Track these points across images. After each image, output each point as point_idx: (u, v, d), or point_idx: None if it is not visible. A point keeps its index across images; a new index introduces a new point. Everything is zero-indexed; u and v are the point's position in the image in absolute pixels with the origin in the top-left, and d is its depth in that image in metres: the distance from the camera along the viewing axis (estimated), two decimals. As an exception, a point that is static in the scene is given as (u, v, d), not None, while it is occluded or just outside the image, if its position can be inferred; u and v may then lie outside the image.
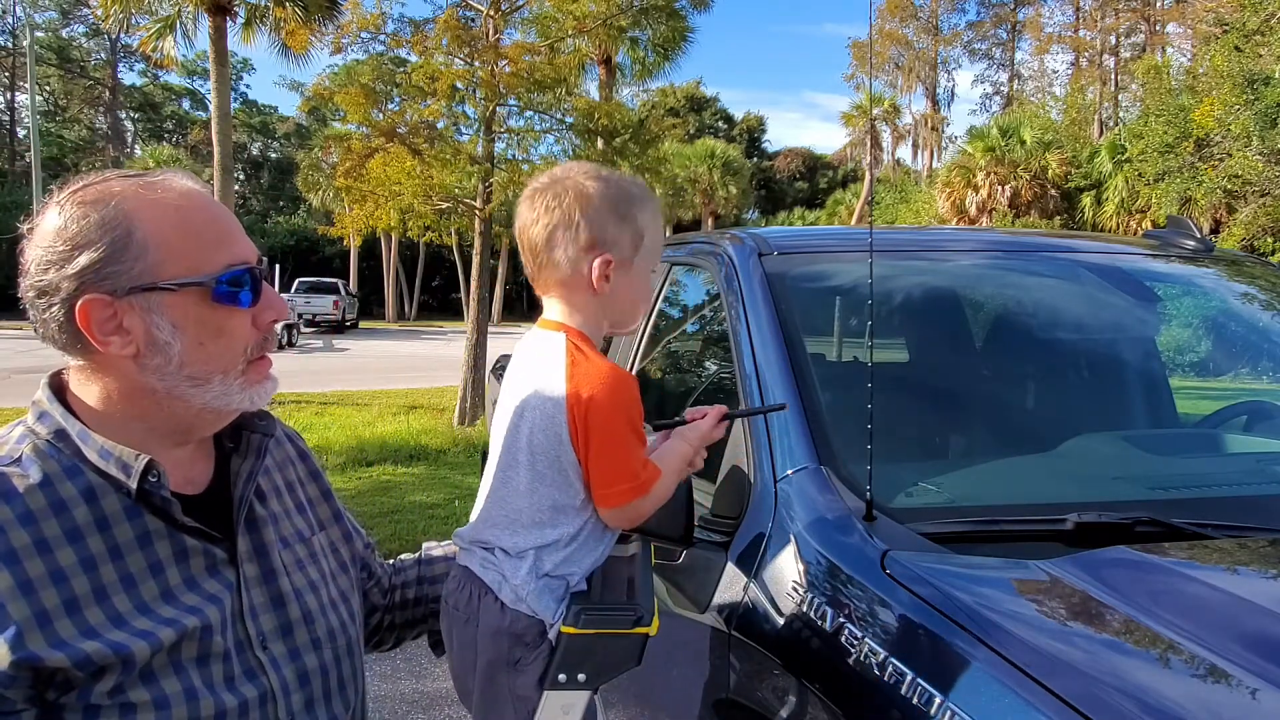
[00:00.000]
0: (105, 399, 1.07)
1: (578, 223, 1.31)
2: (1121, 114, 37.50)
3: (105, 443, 1.05)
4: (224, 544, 1.13)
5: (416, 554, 1.57)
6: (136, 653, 0.99)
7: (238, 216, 1.17)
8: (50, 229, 1.02)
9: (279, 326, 1.17)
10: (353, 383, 14.93)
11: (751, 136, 54.27)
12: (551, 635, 1.26)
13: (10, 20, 43.07)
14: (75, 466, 1.04)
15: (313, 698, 1.17)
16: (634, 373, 2.42)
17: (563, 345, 1.31)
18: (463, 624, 1.32)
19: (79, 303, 1.01)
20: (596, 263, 1.31)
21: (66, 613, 0.97)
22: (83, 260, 1.01)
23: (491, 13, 10.72)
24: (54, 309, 1.03)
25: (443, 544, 1.58)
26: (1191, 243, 2.47)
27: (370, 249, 41.94)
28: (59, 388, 1.11)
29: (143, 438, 1.07)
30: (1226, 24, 16.51)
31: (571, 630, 1.22)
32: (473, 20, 11.54)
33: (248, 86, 64.68)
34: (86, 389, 1.08)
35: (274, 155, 53.72)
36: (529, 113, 11.87)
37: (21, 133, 44.06)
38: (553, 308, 1.36)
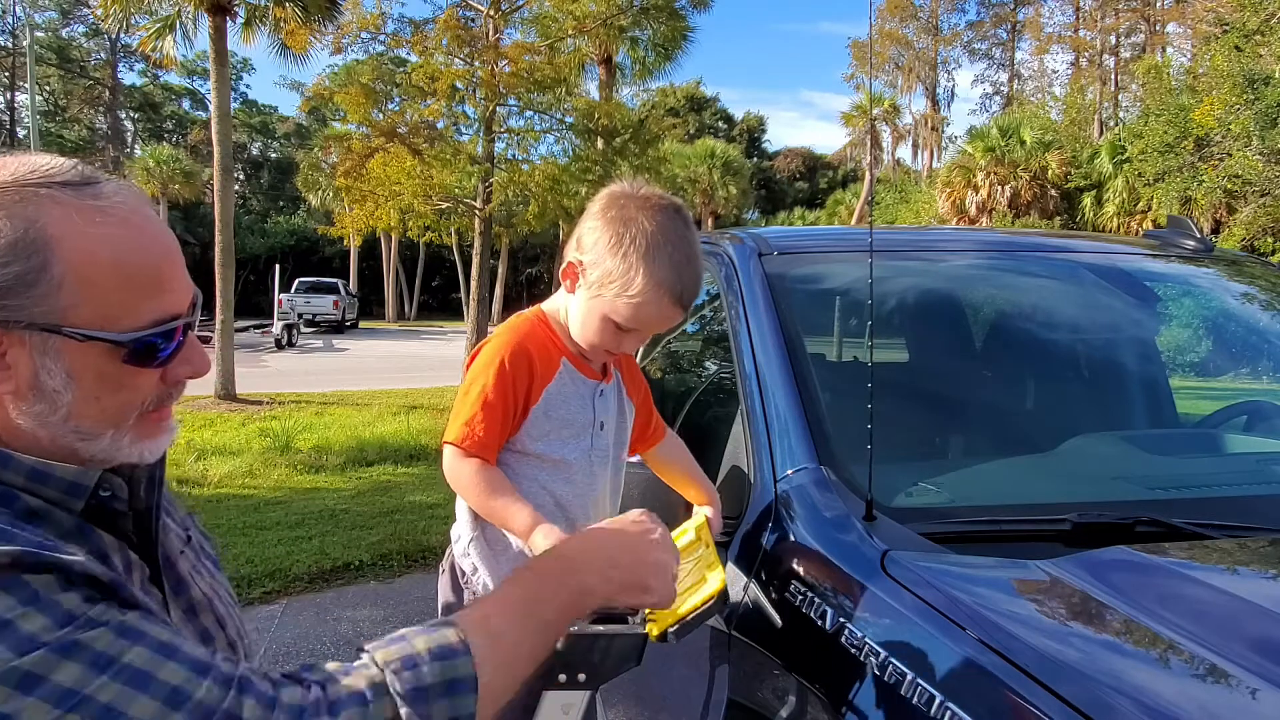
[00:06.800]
0: None
1: (588, 223, 1.41)
2: (1121, 114, 37.49)
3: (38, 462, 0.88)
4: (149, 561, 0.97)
5: None
6: None
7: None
8: None
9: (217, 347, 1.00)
10: (353, 383, 14.91)
11: (751, 136, 54.23)
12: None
13: (10, 20, 43.07)
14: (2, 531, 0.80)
15: None
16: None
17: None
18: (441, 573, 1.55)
19: None
20: (569, 258, 1.44)
21: None
22: None
23: (491, 13, 10.73)
24: None
25: None
26: (1191, 243, 2.47)
27: (370, 249, 41.99)
28: None
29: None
30: (1226, 24, 16.50)
31: (571, 630, 1.22)
32: (473, 20, 11.55)
33: (248, 86, 64.58)
34: None
35: (274, 155, 53.66)
36: (529, 113, 11.89)
37: (21, 133, 44.03)
38: None
